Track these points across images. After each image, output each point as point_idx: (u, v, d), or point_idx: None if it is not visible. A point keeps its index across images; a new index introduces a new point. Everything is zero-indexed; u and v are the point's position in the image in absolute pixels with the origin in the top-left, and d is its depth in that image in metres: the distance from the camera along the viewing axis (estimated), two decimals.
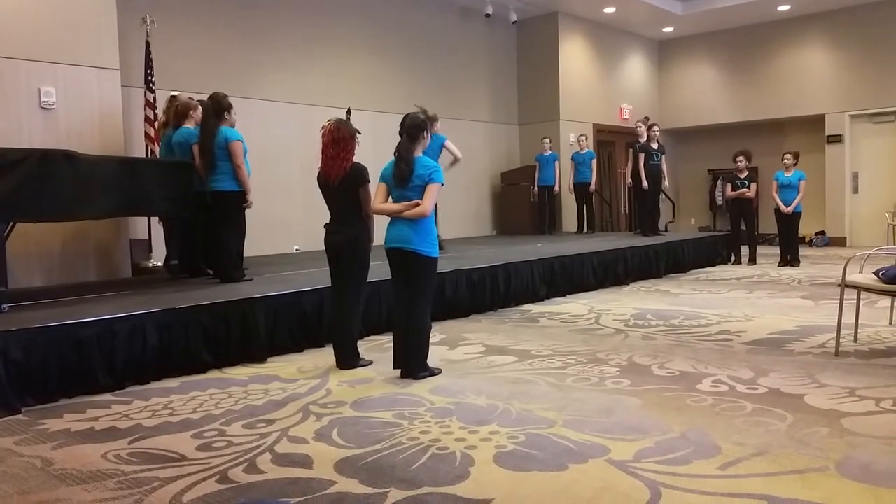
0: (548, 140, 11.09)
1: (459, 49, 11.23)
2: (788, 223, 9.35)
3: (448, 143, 7.56)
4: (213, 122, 5.56)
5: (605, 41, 12.85)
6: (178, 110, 6.08)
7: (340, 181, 4.33)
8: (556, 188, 11.11)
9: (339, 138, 4.33)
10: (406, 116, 4.21)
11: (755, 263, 9.75)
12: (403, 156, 4.12)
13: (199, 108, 5.99)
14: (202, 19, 8.07)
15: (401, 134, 4.19)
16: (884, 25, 11.70)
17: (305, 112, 8.88)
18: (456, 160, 7.62)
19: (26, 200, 4.59)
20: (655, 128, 10.15)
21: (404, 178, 4.10)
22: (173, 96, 6.39)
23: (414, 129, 4.14)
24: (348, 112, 4.85)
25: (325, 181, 4.42)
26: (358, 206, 4.37)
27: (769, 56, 12.94)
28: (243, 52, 8.43)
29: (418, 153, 4.16)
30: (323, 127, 4.41)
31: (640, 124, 10.06)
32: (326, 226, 4.50)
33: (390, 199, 4.22)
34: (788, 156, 9.35)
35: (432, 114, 6.46)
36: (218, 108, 5.60)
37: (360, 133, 4.45)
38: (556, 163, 11.03)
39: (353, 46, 9.68)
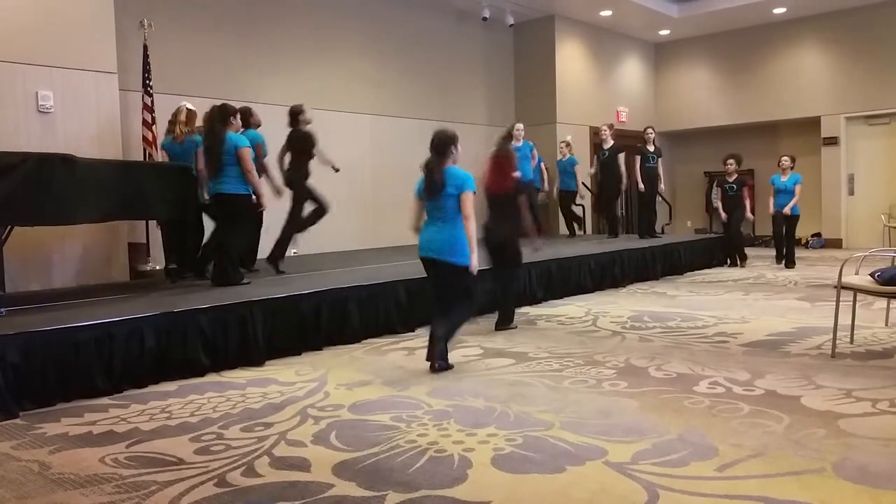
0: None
1: (456, 52, 11.25)
2: (786, 226, 9.34)
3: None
4: (219, 128, 5.61)
5: (602, 44, 12.88)
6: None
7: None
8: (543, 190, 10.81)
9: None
10: (434, 134, 4.53)
11: (740, 266, 9.74)
12: (432, 170, 4.44)
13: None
14: (199, 23, 8.07)
15: (430, 150, 4.51)
16: (879, 28, 11.74)
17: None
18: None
19: (24, 204, 4.59)
20: (650, 131, 10.14)
21: (433, 191, 4.44)
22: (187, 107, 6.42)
23: (441, 145, 4.47)
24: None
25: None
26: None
27: (765, 59, 12.98)
28: (240, 55, 8.43)
29: (450, 164, 4.47)
30: None
31: (604, 129, 9.97)
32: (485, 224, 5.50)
33: (424, 212, 4.59)
34: (786, 159, 9.30)
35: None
36: (223, 113, 5.66)
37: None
38: (542, 164, 10.71)
39: (351, 50, 9.69)
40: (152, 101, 7.07)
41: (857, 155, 12.34)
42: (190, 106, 6.47)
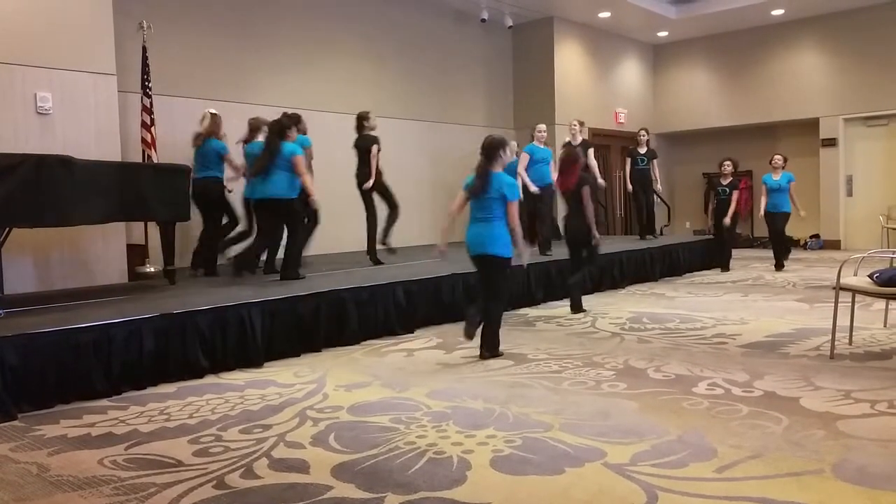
0: (514, 143, 10.47)
1: (455, 54, 11.25)
2: (777, 224, 9.17)
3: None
4: (275, 141, 5.98)
5: (601, 45, 12.88)
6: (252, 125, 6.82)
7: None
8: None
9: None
10: (485, 139, 4.89)
11: (727, 270, 9.52)
12: (479, 174, 4.79)
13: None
14: (198, 24, 8.07)
15: (481, 154, 4.84)
16: (877, 29, 11.76)
17: (302, 116, 8.89)
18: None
19: (22, 206, 4.58)
20: (643, 133, 10.06)
21: (477, 192, 4.79)
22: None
23: (490, 149, 4.80)
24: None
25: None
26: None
27: (763, 60, 12.99)
28: (239, 56, 8.43)
29: (497, 169, 4.77)
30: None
31: (574, 124, 9.44)
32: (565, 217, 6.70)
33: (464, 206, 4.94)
34: (778, 158, 9.15)
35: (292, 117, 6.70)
36: (280, 128, 6.06)
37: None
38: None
39: (350, 51, 9.70)
40: (151, 103, 7.06)
41: (855, 156, 12.35)
42: (213, 111, 6.79)
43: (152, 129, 7.04)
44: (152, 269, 6.96)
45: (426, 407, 3.70)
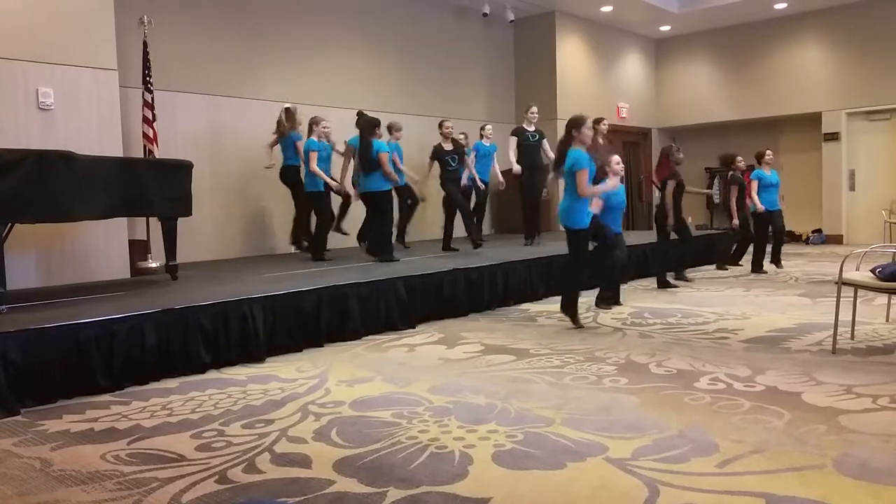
0: (489, 127, 9.51)
1: (456, 48, 11.23)
2: (779, 222, 8.80)
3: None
4: (367, 138, 6.90)
5: (603, 40, 12.86)
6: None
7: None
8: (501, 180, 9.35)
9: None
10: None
11: (727, 269, 9.22)
12: (558, 148, 5.55)
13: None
14: (199, 20, 8.06)
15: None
16: (880, 23, 11.72)
17: (303, 112, 8.88)
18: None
19: (24, 201, 4.58)
20: (605, 122, 9.66)
21: (556, 165, 5.60)
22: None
23: (567, 126, 5.45)
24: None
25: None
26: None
27: (766, 54, 12.96)
28: (240, 52, 8.42)
29: (575, 146, 5.37)
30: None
31: (533, 111, 8.94)
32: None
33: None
34: (770, 153, 8.92)
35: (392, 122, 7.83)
36: (369, 126, 6.95)
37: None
38: (494, 155, 9.43)
39: (351, 46, 9.68)
40: (152, 98, 7.06)
41: (857, 150, 12.32)
42: (288, 105, 7.60)
43: (154, 124, 7.04)
44: (154, 265, 6.97)
45: (428, 402, 3.70)
